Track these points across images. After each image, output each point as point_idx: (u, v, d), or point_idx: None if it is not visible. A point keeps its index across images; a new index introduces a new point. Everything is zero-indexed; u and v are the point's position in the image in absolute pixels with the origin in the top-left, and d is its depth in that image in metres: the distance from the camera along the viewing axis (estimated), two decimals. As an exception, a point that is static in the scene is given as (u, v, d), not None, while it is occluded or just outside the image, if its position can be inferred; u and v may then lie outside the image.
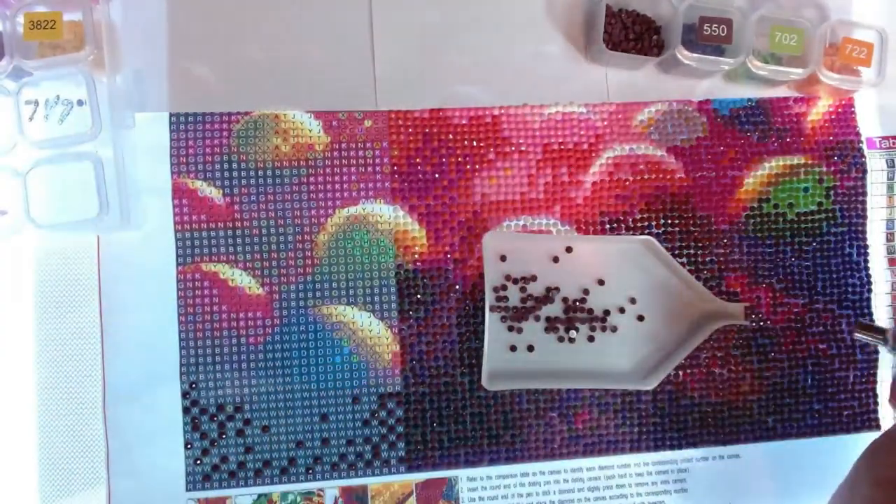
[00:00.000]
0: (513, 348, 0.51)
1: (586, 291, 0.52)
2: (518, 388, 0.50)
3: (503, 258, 0.51)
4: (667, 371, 0.50)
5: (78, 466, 0.48)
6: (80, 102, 0.49)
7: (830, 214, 0.55)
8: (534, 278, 0.51)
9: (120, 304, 0.49)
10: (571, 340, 0.51)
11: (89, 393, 0.49)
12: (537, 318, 0.51)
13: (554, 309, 0.51)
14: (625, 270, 0.52)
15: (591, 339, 0.51)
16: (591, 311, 0.51)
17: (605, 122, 0.54)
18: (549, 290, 0.51)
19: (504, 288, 0.51)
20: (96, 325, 0.49)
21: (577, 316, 0.51)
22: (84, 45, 0.48)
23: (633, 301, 0.52)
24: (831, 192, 0.55)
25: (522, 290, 0.51)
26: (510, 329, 0.51)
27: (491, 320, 0.50)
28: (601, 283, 0.52)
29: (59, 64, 0.48)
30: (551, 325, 0.51)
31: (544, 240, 0.52)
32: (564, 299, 0.51)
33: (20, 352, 0.49)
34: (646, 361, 0.51)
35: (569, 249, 0.52)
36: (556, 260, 0.52)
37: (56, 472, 0.48)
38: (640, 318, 0.52)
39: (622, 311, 0.52)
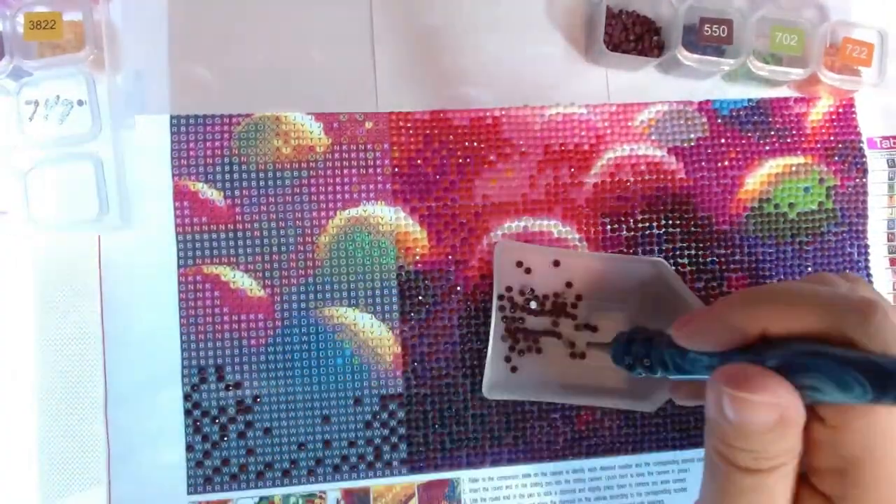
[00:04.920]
0: (514, 360, 0.50)
1: (584, 305, 0.51)
2: (517, 398, 0.50)
3: (516, 265, 0.51)
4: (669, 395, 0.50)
5: (78, 467, 0.48)
6: (80, 102, 0.48)
7: (831, 214, 0.55)
8: (545, 297, 0.51)
9: (121, 306, 0.49)
10: (582, 356, 0.51)
11: (90, 393, 0.48)
12: (545, 335, 0.51)
13: (566, 326, 0.51)
14: (630, 291, 0.51)
15: (583, 355, 0.51)
16: (595, 328, 0.51)
17: (606, 123, 0.54)
18: (555, 304, 0.51)
19: (511, 300, 0.51)
20: (97, 327, 0.49)
21: (580, 331, 0.51)
22: (84, 45, 0.47)
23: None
24: (832, 192, 0.55)
25: (528, 301, 0.51)
26: (514, 342, 0.50)
27: (496, 331, 0.49)
28: (604, 300, 0.51)
29: (59, 64, 0.47)
30: (560, 340, 0.51)
31: (554, 253, 0.52)
32: (574, 317, 0.51)
33: (20, 352, 0.48)
34: (646, 382, 0.50)
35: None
36: (556, 263, 0.51)
37: (56, 472, 0.48)
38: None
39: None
